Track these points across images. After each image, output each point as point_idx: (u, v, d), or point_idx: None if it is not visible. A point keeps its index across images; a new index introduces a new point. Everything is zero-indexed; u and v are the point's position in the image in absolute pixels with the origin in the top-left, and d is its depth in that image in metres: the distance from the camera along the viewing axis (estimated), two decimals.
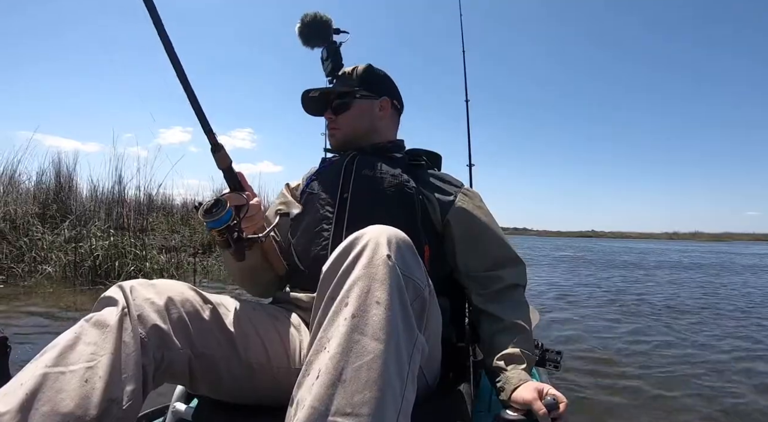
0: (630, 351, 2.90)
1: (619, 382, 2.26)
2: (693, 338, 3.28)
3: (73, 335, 0.60)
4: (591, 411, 1.90)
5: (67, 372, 0.56)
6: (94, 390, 0.56)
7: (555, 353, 1.00)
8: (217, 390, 0.78)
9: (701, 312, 4.40)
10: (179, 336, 0.68)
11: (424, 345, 0.62)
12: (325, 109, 1.11)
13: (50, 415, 0.52)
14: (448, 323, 0.99)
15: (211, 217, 0.76)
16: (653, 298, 5.27)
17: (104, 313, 0.64)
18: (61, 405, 0.53)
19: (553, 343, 2.91)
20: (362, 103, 1.09)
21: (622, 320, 3.86)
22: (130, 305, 0.65)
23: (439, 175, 1.08)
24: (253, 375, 0.77)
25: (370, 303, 0.56)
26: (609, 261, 12.14)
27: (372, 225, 0.74)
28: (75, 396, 0.54)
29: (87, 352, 0.58)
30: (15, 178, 5.34)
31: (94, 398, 0.55)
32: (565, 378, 2.25)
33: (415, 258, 0.66)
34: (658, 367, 2.54)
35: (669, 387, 2.20)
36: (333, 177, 1.04)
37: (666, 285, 6.81)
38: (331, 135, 1.11)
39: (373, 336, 0.54)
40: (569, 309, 4.38)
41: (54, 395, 0.54)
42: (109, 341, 0.60)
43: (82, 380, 0.56)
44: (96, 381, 0.56)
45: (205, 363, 0.72)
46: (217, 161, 0.82)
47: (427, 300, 0.66)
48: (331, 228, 0.96)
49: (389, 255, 0.60)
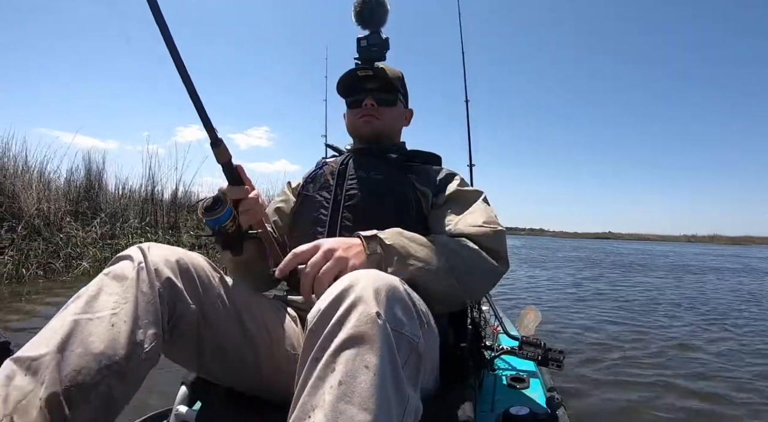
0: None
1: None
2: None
3: (95, 287, 0.65)
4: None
5: (94, 318, 0.61)
6: (120, 334, 0.61)
7: (557, 352, 0.97)
8: (222, 369, 0.78)
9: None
10: (190, 293, 0.72)
11: (417, 406, 0.57)
12: (365, 93, 1.09)
13: (83, 355, 0.57)
14: (448, 324, 0.98)
15: (211, 216, 0.77)
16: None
17: (122, 267, 0.68)
18: (92, 347, 0.58)
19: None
20: (400, 106, 1.13)
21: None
22: (147, 260, 0.69)
23: (435, 169, 1.07)
24: (256, 354, 0.78)
25: (358, 368, 0.51)
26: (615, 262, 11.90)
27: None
28: (104, 339, 0.59)
29: (110, 301, 0.63)
30: (45, 176, 5.44)
31: (120, 340, 0.60)
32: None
33: (406, 307, 0.60)
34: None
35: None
36: (327, 179, 1.04)
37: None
38: (367, 122, 1.08)
39: (361, 406, 0.49)
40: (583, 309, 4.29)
41: (85, 338, 0.59)
42: (129, 291, 0.65)
43: (108, 324, 0.61)
44: (121, 325, 0.61)
45: (211, 331, 0.74)
46: (217, 156, 0.80)
47: (422, 354, 0.60)
48: (324, 231, 0.96)
49: (378, 312, 0.54)
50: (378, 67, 1.08)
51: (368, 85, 1.09)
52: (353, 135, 1.15)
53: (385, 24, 1.11)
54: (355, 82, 1.10)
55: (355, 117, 1.10)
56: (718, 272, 9.26)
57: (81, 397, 0.56)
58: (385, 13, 1.10)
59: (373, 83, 1.09)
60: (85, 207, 5.50)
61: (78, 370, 0.56)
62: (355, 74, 1.08)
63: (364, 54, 1.11)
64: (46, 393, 0.53)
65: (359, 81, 1.09)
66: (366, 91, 1.09)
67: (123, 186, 6.32)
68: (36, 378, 0.54)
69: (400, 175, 1.01)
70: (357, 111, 1.10)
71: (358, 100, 1.10)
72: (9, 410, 0.52)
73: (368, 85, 1.09)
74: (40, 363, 0.55)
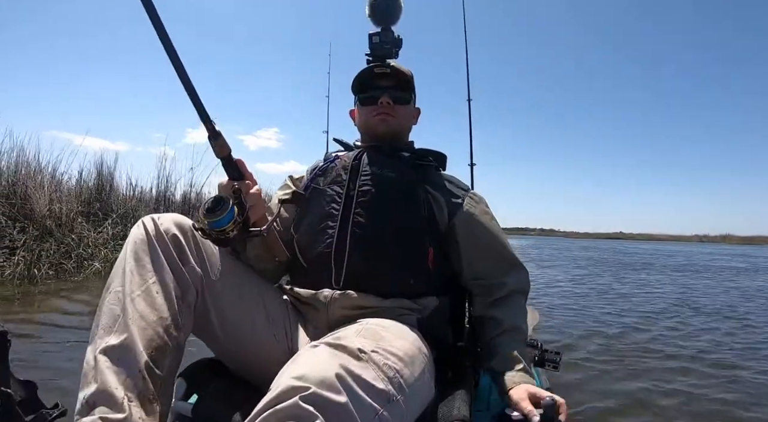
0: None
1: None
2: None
3: (126, 266, 0.75)
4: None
5: (138, 294, 0.72)
6: (161, 298, 0.73)
7: (554, 354, 1.00)
8: (222, 339, 0.84)
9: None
10: (193, 254, 0.80)
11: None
12: (380, 90, 1.08)
13: (147, 328, 0.69)
14: (447, 321, 1.01)
15: (214, 217, 0.75)
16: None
17: (141, 240, 0.77)
18: (150, 318, 0.70)
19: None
20: (412, 104, 1.14)
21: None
22: (158, 227, 0.78)
23: (447, 176, 1.09)
24: (253, 332, 0.85)
25: None
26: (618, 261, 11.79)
27: (376, 223, 0.94)
28: (155, 307, 0.72)
29: (143, 276, 0.74)
30: (57, 178, 5.47)
31: (165, 303, 0.73)
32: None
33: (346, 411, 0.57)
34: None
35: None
36: (340, 173, 1.03)
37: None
38: (383, 120, 1.07)
39: None
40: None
41: (143, 311, 0.71)
42: (153, 261, 0.75)
43: (151, 296, 0.72)
44: (159, 290, 0.73)
45: (213, 297, 0.82)
46: (216, 149, 0.80)
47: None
48: (336, 226, 0.95)
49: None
50: (393, 66, 1.08)
51: (384, 82, 1.08)
52: (366, 132, 1.13)
53: (398, 22, 1.11)
54: (371, 79, 1.09)
55: (369, 114, 1.09)
56: (720, 271, 9.37)
57: (162, 356, 0.70)
58: (399, 10, 1.11)
59: (388, 81, 1.08)
60: (97, 208, 5.52)
61: (150, 339, 0.69)
62: (373, 71, 1.08)
63: (376, 50, 1.10)
64: (140, 365, 0.66)
65: (375, 78, 1.09)
66: (381, 89, 1.08)
67: (134, 187, 6.35)
68: (129, 358, 0.66)
69: (413, 174, 1.02)
70: (372, 108, 1.08)
71: (372, 97, 1.08)
72: (122, 393, 0.63)
73: (384, 83, 1.08)
74: (125, 346, 0.67)
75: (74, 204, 5.17)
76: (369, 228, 0.94)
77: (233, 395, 0.83)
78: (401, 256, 0.94)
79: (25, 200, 4.63)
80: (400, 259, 0.94)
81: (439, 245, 0.99)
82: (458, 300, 1.07)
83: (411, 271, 0.94)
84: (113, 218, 5.38)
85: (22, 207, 4.56)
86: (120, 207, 5.77)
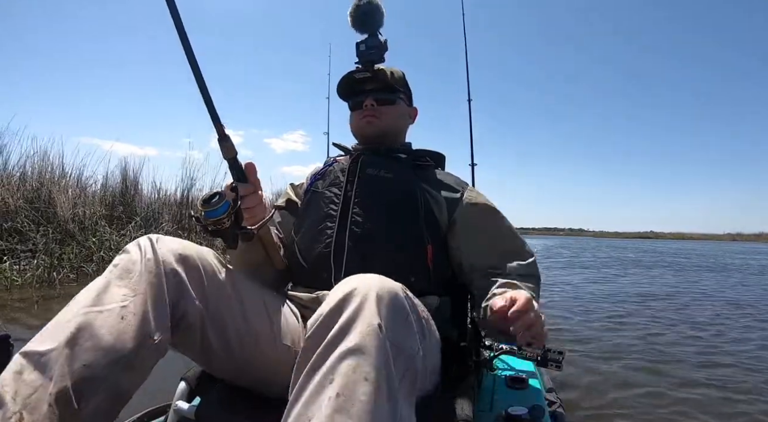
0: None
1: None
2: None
3: (104, 280, 0.67)
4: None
5: (104, 311, 0.62)
6: (129, 326, 0.62)
7: (557, 353, 0.95)
8: (225, 361, 0.79)
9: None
10: (194, 287, 0.74)
11: (411, 420, 0.58)
12: (364, 94, 1.11)
13: (93, 349, 0.58)
14: (449, 321, 1.00)
15: (209, 207, 0.77)
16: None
17: (131, 258, 0.69)
18: (102, 341, 0.59)
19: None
20: (402, 105, 1.14)
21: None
22: (156, 252, 0.71)
23: (445, 174, 1.10)
24: (257, 344, 0.80)
25: (357, 381, 0.51)
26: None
27: (374, 223, 0.94)
28: (114, 331, 0.61)
29: (119, 294, 0.65)
30: (82, 182, 5.55)
31: (129, 333, 0.62)
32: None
33: (406, 319, 0.61)
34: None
35: None
36: (338, 175, 1.05)
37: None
38: (369, 123, 1.10)
39: (359, 419, 0.49)
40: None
41: (95, 331, 0.60)
42: (138, 283, 0.66)
43: (118, 317, 0.62)
44: (130, 318, 0.63)
45: (215, 323, 0.76)
46: (224, 151, 0.83)
47: (418, 369, 0.61)
48: (334, 227, 0.97)
49: (380, 324, 0.55)
50: (376, 69, 1.10)
51: (367, 86, 1.12)
52: (358, 136, 1.16)
53: (383, 26, 1.13)
54: (355, 84, 1.13)
55: (357, 118, 1.12)
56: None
57: (90, 391, 0.57)
58: (381, 15, 1.12)
59: (372, 84, 1.11)
60: (120, 211, 5.56)
61: (87, 365, 0.57)
62: (353, 77, 1.11)
63: (363, 57, 1.13)
64: (55, 389, 0.54)
65: (358, 83, 1.12)
66: (365, 93, 1.11)
67: (158, 190, 6.40)
68: (45, 374, 0.55)
69: (410, 174, 1.04)
70: (359, 112, 1.12)
71: (358, 102, 1.12)
72: (19, 406, 0.52)
73: (367, 87, 1.12)
74: (49, 358, 0.56)
75: (98, 207, 5.22)
76: (367, 227, 0.95)
77: (236, 399, 0.84)
78: (400, 255, 0.94)
79: (48, 204, 4.67)
80: (399, 258, 0.94)
81: (438, 244, 0.99)
82: (460, 300, 1.08)
83: (411, 270, 0.93)
84: (136, 221, 5.40)
85: (45, 211, 4.59)
86: (144, 210, 5.81)
